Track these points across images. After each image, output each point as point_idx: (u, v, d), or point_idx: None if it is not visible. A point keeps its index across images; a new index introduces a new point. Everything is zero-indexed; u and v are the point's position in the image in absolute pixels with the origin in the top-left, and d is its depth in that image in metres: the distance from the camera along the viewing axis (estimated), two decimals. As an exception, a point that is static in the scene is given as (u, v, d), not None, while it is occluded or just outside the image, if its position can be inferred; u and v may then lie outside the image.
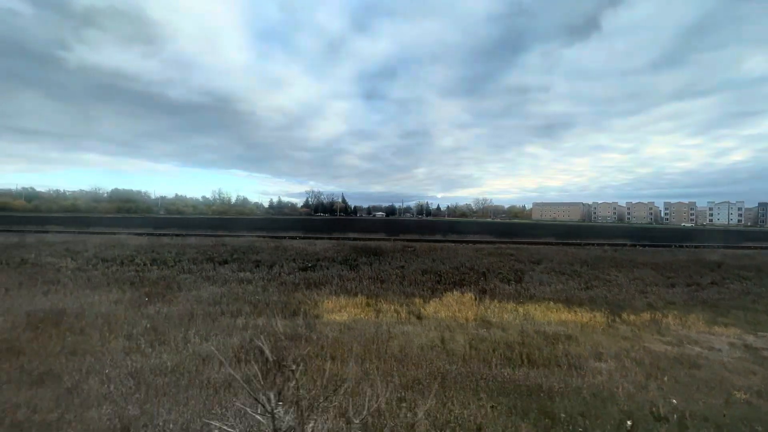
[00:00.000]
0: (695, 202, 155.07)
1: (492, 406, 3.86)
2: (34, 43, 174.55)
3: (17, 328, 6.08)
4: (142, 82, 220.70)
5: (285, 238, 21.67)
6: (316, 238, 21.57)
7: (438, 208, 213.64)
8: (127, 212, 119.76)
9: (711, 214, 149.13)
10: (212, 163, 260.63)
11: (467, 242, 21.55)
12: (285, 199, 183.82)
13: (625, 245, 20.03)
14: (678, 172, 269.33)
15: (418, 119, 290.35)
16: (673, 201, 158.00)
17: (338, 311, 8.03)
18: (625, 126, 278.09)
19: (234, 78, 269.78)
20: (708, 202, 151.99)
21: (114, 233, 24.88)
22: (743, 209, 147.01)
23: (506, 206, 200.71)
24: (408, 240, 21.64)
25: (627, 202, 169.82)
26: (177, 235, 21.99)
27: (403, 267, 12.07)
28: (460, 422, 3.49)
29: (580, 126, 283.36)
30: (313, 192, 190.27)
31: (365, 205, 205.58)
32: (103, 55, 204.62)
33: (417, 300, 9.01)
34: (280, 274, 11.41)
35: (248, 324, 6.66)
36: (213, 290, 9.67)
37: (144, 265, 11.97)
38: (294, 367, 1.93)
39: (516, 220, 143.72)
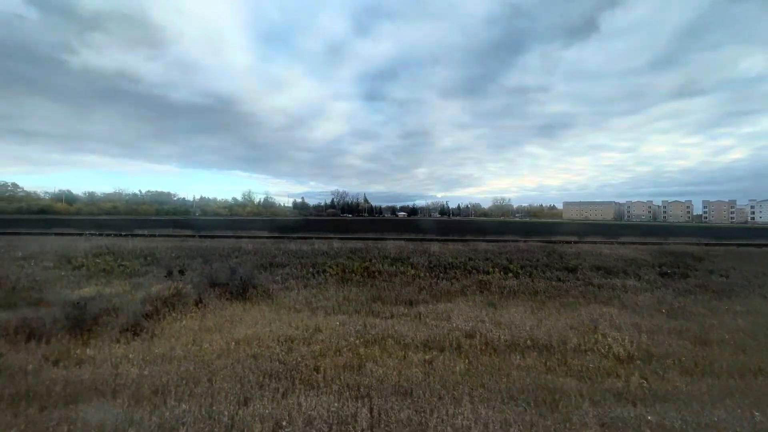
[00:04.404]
0: (736, 201, 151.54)
1: None
2: (39, 47, 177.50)
3: None
4: (145, 84, 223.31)
5: (424, 240, 20.23)
6: (433, 240, 20.11)
7: (458, 207, 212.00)
8: (165, 214, 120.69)
9: (752, 213, 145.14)
10: (213, 164, 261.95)
11: (637, 244, 20.81)
12: (284, 198, 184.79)
13: None
14: (677, 170, 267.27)
15: (418, 120, 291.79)
16: (712, 200, 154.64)
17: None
18: (624, 125, 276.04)
19: (236, 80, 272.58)
20: (749, 200, 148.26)
21: (267, 238, 23.83)
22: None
23: (515, 206, 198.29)
24: (495, 241, 20.31)
25: (663, 201, 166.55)
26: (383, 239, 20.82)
27: (727, 277, 11.64)
28: None
29: (580, 126, 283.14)
30: (338, 192, 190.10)
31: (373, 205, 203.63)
32: (108, 59, 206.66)
33: None
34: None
35: None
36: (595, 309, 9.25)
37: (492, 273, 11.61)
38: None
39: (554, 220, 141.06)
